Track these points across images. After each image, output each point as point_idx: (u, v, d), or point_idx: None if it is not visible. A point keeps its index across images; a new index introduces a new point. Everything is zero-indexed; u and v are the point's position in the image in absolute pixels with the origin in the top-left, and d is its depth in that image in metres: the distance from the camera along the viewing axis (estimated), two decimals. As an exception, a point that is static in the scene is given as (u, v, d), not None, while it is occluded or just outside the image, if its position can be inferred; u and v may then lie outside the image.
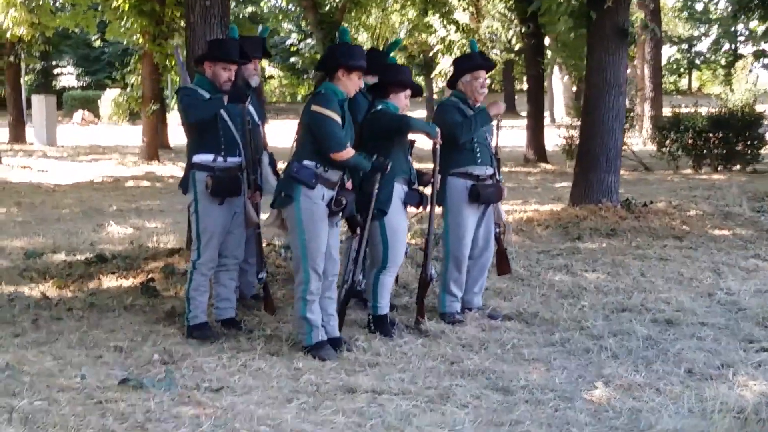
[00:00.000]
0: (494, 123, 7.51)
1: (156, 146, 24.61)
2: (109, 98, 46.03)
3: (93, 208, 15.38)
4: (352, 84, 6.47)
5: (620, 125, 12.52)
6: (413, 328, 7.16)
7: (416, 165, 7.34)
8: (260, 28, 7.15)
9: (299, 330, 6.60)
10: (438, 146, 6.97)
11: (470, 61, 7.52)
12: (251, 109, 7.30)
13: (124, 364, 6.25)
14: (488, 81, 7.54)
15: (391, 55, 7.82)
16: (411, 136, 7.13)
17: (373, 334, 6.95)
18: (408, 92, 7.07)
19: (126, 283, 8.60)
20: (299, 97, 65.10)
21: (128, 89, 25.60)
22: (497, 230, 7.72)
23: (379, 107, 6.94)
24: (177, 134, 29.70)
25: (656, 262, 9.69)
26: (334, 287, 6.71)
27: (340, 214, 6.48)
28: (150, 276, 8.65)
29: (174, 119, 34.29)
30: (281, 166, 7.32)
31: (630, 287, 8.51)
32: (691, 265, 9.52)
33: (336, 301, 6.79)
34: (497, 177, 7.54)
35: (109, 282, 8.67)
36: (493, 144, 7.58)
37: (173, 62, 23.36)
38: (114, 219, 13.61)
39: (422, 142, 7.49)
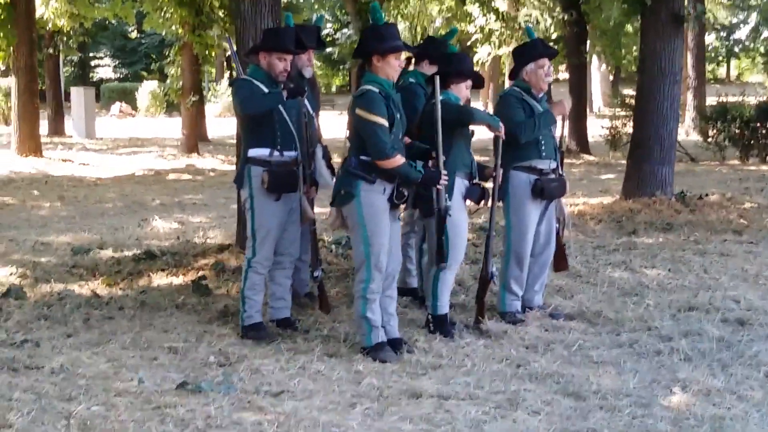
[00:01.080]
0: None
1: (196, 138, 24.52)
2: (146, 90, 46.06)
3: (136, 202, 15.30)
4: (391, 68, 6.18)
5: (675, 115, 12.23)
6: (473, 328, 6.93)
7: (477, 158, 7.08)
8: (315, 16, 6.94)
9: (359, 330, 6.39)
10: (500, 139, 6.74)
11: (533, 50, 7.25)
12: (305, 101, 7.12)
13: (180, 366, 6.08)
14: (552, 69, 7.29)
15: (450, 43, 7.52)
16: (471, 127, 6.91)
17: (432, 335, 6.71)
18: (469, 83, 6.82)
19: (176, 280, 8.45)
20: (334, 88, 65.07)
21: (168, 81, 25.48)
22: (556, 225, 7.48)
23: (440, 98, 6.69)
24: (216, 126, 29.76)
25: (717, 257, 9.40)
26: (394, 285, 6.48)
27: (402, 207, 6.27)
28: (201, 273, 8.49)
29: (212, 111, 34.34)
30: (335, 159, 7.15)
31: (694, 285, 8.23)
32: (754, 261, 9.23)
33: (396, 300, 6.56)
34: (560, 171, 7.29)
35: (159, 279, 8.52)
36: (558, 135, 7.34)
37: (213, 53, 23.27)
38: (158, 213, 13.49)
39: (482, 133, 7.26)
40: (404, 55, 6.80)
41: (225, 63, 46.28)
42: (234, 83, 6.84)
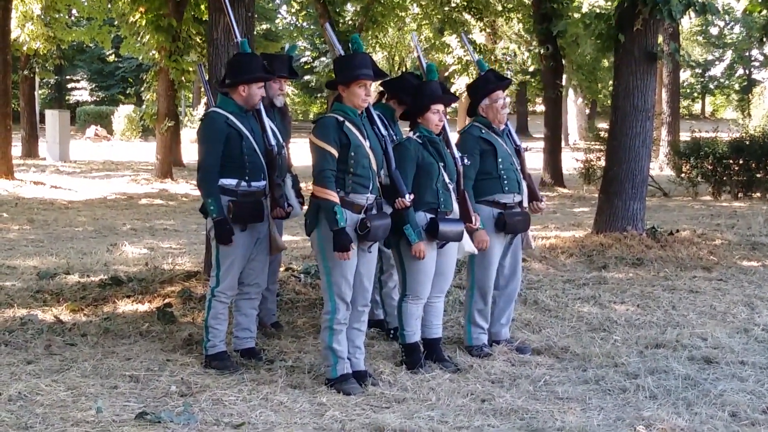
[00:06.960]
0: (521, 147, 7.33)
1: (169, 164, 24.39)
2: (122, 114, 45.84)
3: (106, 227, 15.18)
4: (355, 97, 6.17)
5: (647, 151, 12.25)
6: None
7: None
8: (287, 46, 6.92)
9: (324, 361, 6.32)
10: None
11: (486, 84, 7.21)
12: (275, 130, 7.08)
13: (141, 395, 6.00)
14: (508, 99, 7.26)
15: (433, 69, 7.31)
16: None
17: (398, 367, 6.65)
18: (436, 108, 6.70)
19: (142, 307, 8.35)
20: (311, 115, 65.09)
21: (143, 105, 25.39)
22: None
23: (411, 135, 6.67)
24: (191, 151, 29.61)
25: (686, 294, 9.41)
26: (364, 318, 6.42)
27: (372, 239, 6.19)
28: (167, 301, 8.39)
29: (188, 136, 34.22)
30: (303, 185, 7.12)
31: (662, 321, 8.22)
32: (723, 298, 9.23)
33: (365, 333, 6.49)
34: (524, 205, 7.27)
35: (125, 306, 8.41)
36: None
37: (189, 79, 23.26)
38: (128, 238, 13.38)
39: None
40: (374, 86, 6.75)
41: (202, 89, 46.15)
42: (204, 117, 6.75)
